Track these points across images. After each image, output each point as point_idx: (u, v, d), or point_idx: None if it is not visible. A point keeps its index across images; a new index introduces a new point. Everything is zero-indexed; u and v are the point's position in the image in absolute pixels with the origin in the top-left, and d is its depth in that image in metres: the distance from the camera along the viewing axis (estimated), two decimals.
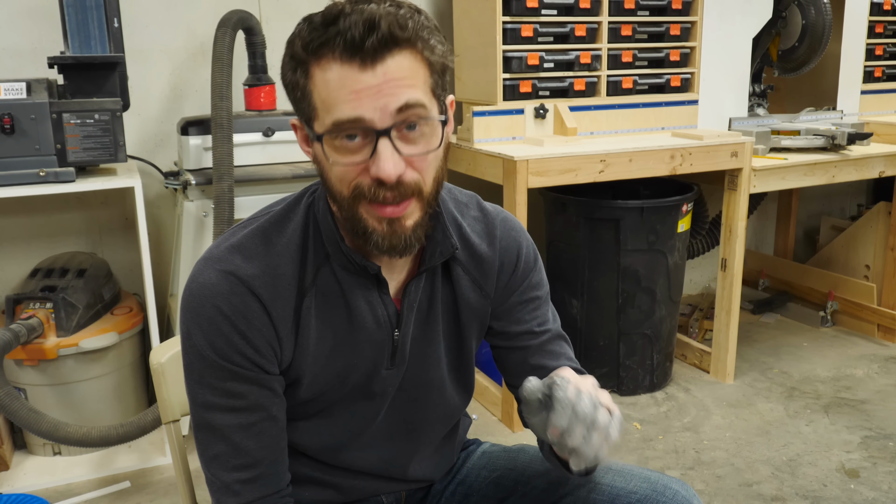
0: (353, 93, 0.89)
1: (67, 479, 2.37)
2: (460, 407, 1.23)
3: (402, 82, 0.90)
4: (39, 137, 2.15)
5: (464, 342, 1.17)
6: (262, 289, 0.99)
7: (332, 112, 0.91)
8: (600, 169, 2.53)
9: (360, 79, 0.89)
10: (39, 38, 2.52)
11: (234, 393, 1.01)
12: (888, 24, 3.49)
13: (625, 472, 1.19)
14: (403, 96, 0.90)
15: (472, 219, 1.15)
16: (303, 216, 1.05)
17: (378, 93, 0.89)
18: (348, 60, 0.89)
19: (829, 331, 3.52)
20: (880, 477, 2.35)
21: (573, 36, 2.74)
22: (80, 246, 2.72)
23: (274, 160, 2.49)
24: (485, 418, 2.73)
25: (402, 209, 0.94)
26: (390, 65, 0.89)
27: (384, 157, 0.90)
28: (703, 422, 2.70)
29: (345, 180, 0.94)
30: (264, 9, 2.80)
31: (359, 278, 1.05)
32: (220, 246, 1.03)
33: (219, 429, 1.02)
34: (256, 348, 1.00)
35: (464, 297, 1.13)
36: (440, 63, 0.95)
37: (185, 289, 1.02)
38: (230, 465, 1.03)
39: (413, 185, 0.94)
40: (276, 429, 1.05)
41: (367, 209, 0.95)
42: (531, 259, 1.19)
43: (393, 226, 0.95)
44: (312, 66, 0.92)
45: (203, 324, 0.99)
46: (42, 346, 2.32)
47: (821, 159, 2.91)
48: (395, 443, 1.17)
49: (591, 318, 2.87)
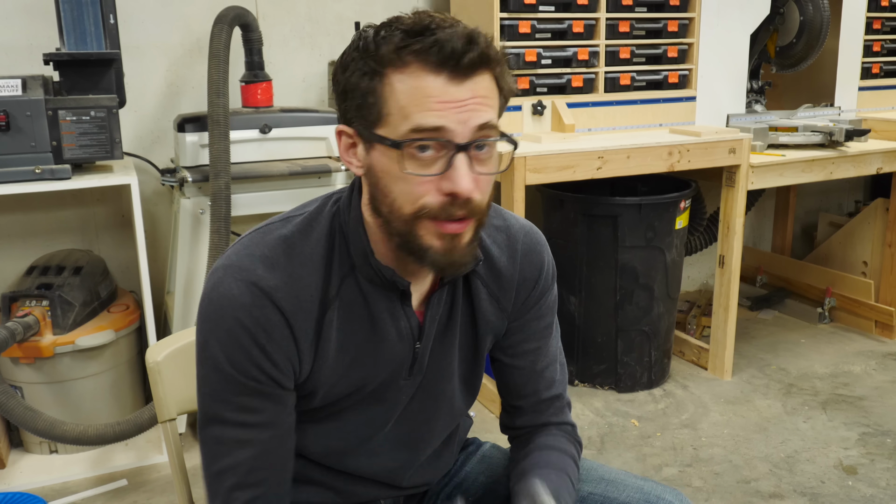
0: (440, 103, 0.89)
1: (64, 477, 2.36)
2: (463, 412, 1.22)
3: (486, 101, 0.92)
4: (35, 134, 2.14)
5: (478, 354, 1.15)
6: (285, 301, 0.97)
7: (412, 119, 0.89)
8: (598, 166, 2.53)
9: (448, 91, 0.89)
10: (35, 34, 2.51)
11: (248, 408, 0.99)
12: (886, 20, 3.48)
13: (618, 482, 1.19)
14: (485, 115, 0.91)
15: (494, 228, 1.12)
16: (327, 225, 1.02)
17: (463, 107, 0.89)
18: (438, 70, 0.89)
19: (827, 327, 3.53)
20: (878, 473, 2.35)
21: (571, 32, 2.73)
22: (76, 243, 2.71)
23: (271, 157, 2.48)
24: (483, 415, 2.73)
25: (464, 226, 0.94)
26: (478, 83, 0.91)
27: (462, 173, 0.90)
28: (701, 419, 2.70)
29: (411, 196, 0.92)
30: (261, 5, 2.79)
31: (383, 290, 1.03)
32: (241, 254, 0.99)
33: (227, 443, 1.00)
34: (275, 363, 0.98)
35: (482, 311, 1.11)
36: (509, 91, 0.97)
37: (203, 297, 0.99)
38: (234, 484, 1.00)
39: (479, 206, 0.94)
40: (285, 449, 1.03)
41: (428, 226, 0.93)
42: (550, 277, 1.17)
43: (453, 242, 0.94)
44: (393, 71, 0.90)
45: (222, 336, 0.96)
46: (38, 343, 2.32)
47: (818, 156, 2.90)
48: (399, 451, 1.16)
49: (590, 315, 2.87)
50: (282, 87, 2.78)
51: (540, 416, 1.21)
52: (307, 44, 2.89)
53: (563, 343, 1.27)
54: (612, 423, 2.68)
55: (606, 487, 1.18)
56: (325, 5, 2.90)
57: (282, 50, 2.84)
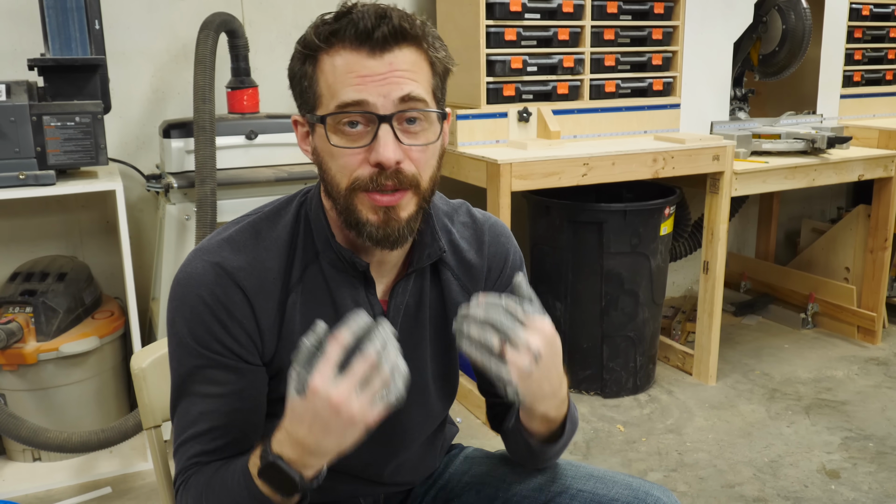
0: (360, 77, 0.94)
1: (47, 485, 2.34)
2: (441, 413, 1.23)
3: (407, 74, 0.95)
4: (19, 140, 2.12)
5: (450, 347, 1.17)
6: (247, 280, 1.01)
7: (337, 96, 0.95)
8: (583, 172, 2.54)
9: (366, 65, 0.94)
10: (19, 39, 2.50)
11: (212, 380, 1.02)
12: (867, 28, 3.53)
13: (606, 479, 1.19)
14: (407, 87, 0.95)
15: (462, 225, 1.17)
16: (294, 215, 1.08)
17: (383, 80, 0.94)
18: (357, 48, 0.94)
19: (810, 332, 3.55)
20: (860, 477, 2.37)
21: (556, 40, 2.75)
22: (60, 249, 2.69)
23: (257, 163, 2.48)
24: (469, 421, 2.73)
25: (397, 198, 0.97)
26: (397, 56, 0.95)
27: (384, 142, 0.94)
28: (685, 424, 2.72)
29: (345, 170, 0.97)
30: (247, 12, 2.79)
31: (347, 277, 1.06)
32: (212, 239, 1.06)
33: (192, 415, 1.03)
34: (235, 338, 1.01)
35: (453, 301, 1.14)
36: (442, 66, 1.00)
37: (174, 279, 1.04)
38: (197, 451, 1.03)
39: (410, 177, 0.97)
40: (250, 422, 1.05)
41: (363, 200, 0.97)
42: (517, 265, 1.21)
43: (388, 215, 0.98)
44: (321, 54, 0.96)
45: (186, 312, 1.01)
46: (22, 350, 2.30)
47: (801, 163, 2.93)
48: (374, 444, 1.16)
49: (575, 321, 2.88)
50: (268, 93, 2.77)
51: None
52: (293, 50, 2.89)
53: None
54: (598, 429, 2.69)
55: (595, 484, 1.18)
56: (312, 12, 2.90)
57: (268, 56, 2.84)
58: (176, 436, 1.05)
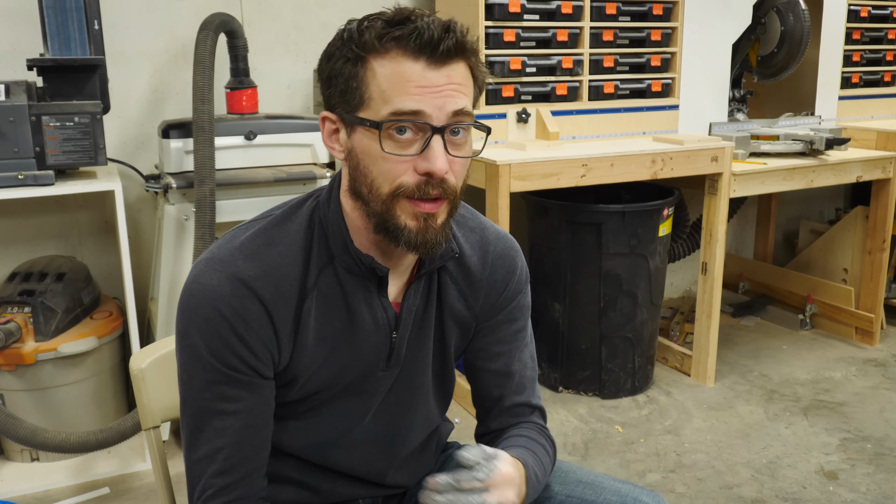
0: (419, 87, 0.94)
1: (46, 485, 2.34)
2: (439, 414, 1.24)
3: (460, 88, 0.97)
4: (18, 140, 2.12)
5: (446, 349, 1.17)
6: (264, 290, 1.00)
7: (392, 103, 0.94)
8: (582, 173, 2.54)
9: (426, 76, 0.94)
10: (18, 39, 2.50)
11: (226, 397, 1.01)
12: (865, 30, 3.53)
13: (595, 485, 1.20)
14: (461, 102, 0.97)
15: (469, 229, 1.17)
16: (307, 218, 1.06)
17: (440, 93, 0.95)
18: (416, 56, 0.94)
19: (808, 333, 3.56)
20: (858, 479, 2.37)
21: (555, 41, 2.75)
22: (59, 249, 2.69)
23: (256, 164, 2.48)
24: (467, 422, 2.73)
25: (437, 206, 0.98)
26: (454, 69, 0.96)
27: (437, 153, 0.95)
28: (684, 425, 2.72)
29: (389, 175, 0.97)
30: (246, 12, 2.79)
31: (361, 281, 1.06)
32: (223, 247, 1.03)
33: (206, 431, 1.02)
34: (253, 351, 1.00)
35: (449, 306, 1.14)
36: (482, 81, 1.03)
37: (184, 289, 1.02)
38: (213, 471, 1.03)
39: (452, 187, 0.99)
40: (260, 437, 1.05)
41: (405, 206, 0.98)
42: (522, 282, 1.21)
43: (427, 222, 0.98)
44: (374, 57, 0.95)
45: (201, 325, 0.99)
46: (20, 350, 2.30)
47: (799, 164, 2.94)
48: (378, 445, 1.17)
49: (574, 322, 2.88)
50: (267, 93, 2.78)
51: (510, 420, 1.23)
52: (292, 51, 2.90)
53: (548, 350, 1.29)
54: (596, 430, 2.69)
55: (584, 490, 1.19)
56: (311, 12, 2.90)
57: (267, 57, 2.85)
58: (188, 450, 1.05)
